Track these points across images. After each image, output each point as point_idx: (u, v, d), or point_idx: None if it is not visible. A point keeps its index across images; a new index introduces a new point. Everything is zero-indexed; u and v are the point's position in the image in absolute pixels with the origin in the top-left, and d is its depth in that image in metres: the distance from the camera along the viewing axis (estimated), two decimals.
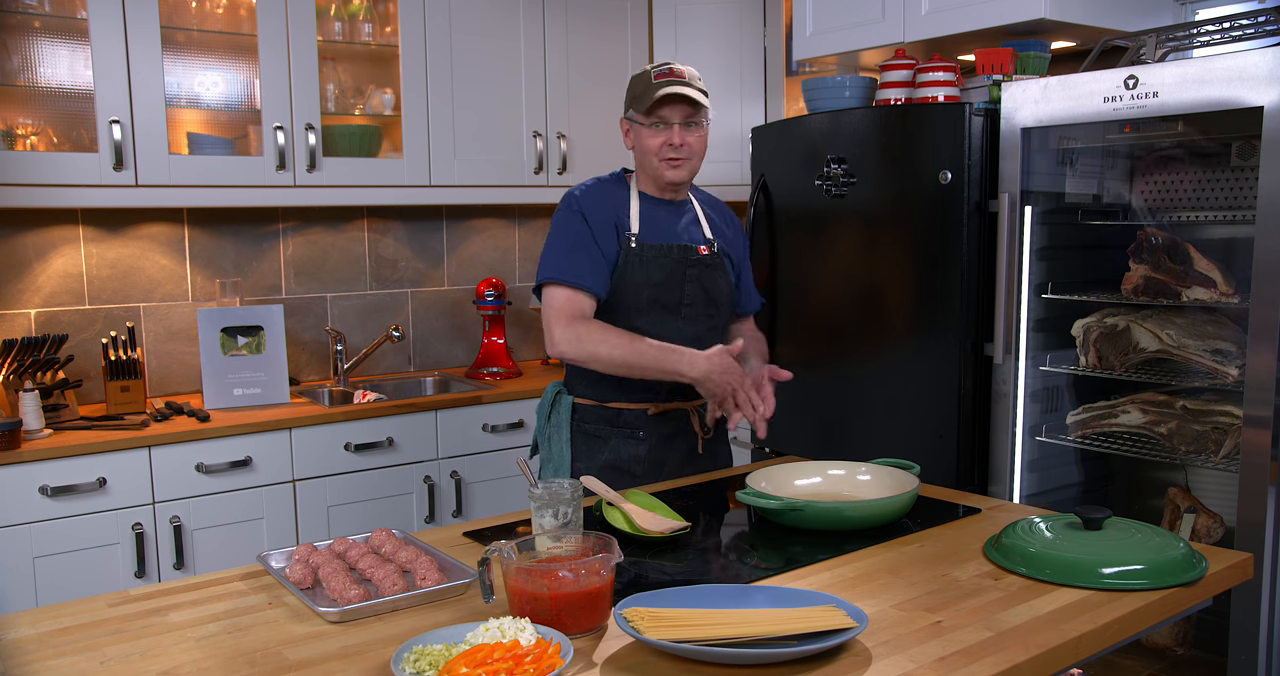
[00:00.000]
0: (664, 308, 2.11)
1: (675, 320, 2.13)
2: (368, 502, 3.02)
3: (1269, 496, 2.06)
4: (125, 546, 2.65)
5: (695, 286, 2.14)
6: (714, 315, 2.18)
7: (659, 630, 1.22)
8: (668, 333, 2.09)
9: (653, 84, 2.07)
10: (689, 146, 2.10)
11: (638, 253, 2.10)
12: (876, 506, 1.72)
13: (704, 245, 2.17)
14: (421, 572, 1.48)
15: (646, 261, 2.10)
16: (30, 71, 2.86)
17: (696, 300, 2.14)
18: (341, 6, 3.26)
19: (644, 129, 2.10)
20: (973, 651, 1.25)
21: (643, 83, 2.11)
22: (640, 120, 2.10)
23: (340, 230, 3.54)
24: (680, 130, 2.08)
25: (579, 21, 3.62)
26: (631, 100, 2.14)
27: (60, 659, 1.27)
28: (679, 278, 2.12)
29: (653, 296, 2.10)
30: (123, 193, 2.84)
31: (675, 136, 2.08)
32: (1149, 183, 2.68)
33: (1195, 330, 2.37)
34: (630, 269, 2.09)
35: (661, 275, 2.10)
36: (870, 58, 3.20)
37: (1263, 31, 2.35)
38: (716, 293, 2.17)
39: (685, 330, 2.12)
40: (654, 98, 2.04)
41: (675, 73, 2.08)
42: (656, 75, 2.08)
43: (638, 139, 2.13)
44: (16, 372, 2.71)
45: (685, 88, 2.06)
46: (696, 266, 2.14)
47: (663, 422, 2.17)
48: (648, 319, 2.10)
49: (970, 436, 2.60)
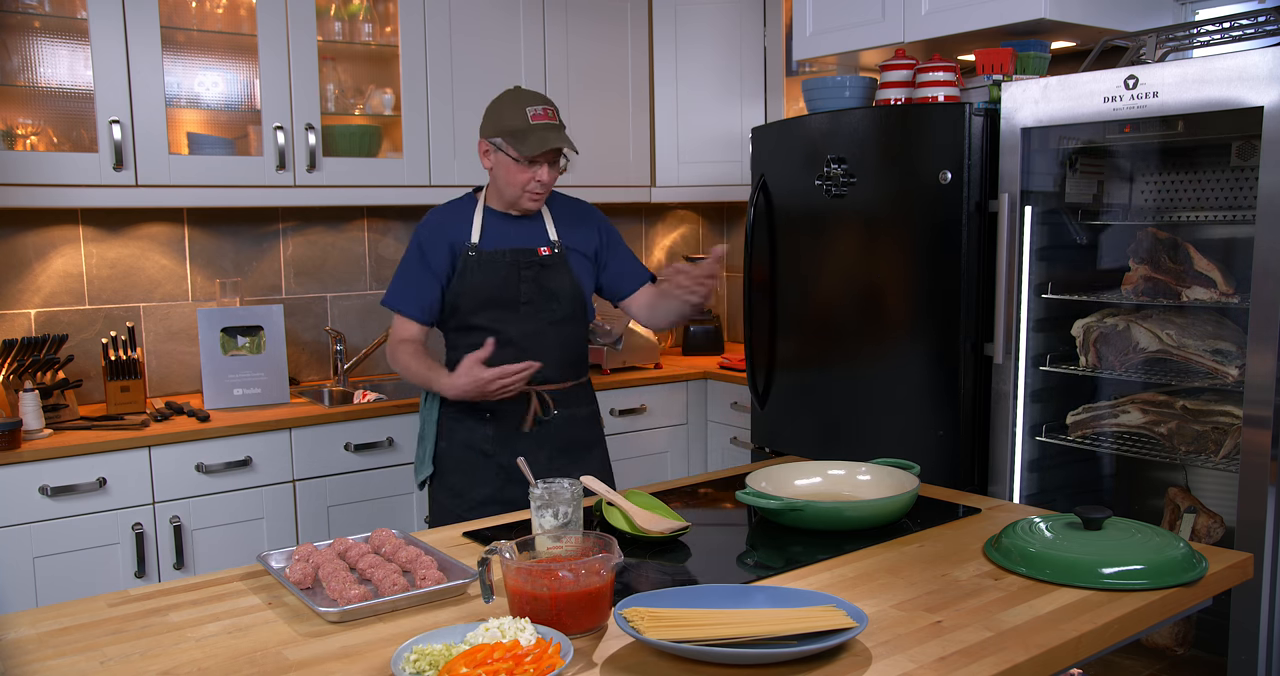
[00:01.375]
0: (501, 306, 2.34)
1: (514, 316, 2.35)
2: (368, 502, 3.02)
3: (1269, 496, 2.06)
4: (125, 546, 2.65)
5: (531, 285, 2.35)
6: (555, 309, 2.37)
7: (659, 630, 1.22)
8: (506, 328, 2.33)
9: (531, 127, 2.24)
10: (551, 181, 2.32)
11: (475, 259, 2.34)
12: (876, 506, 1.72)
13: (545, 247, 2.38)
14: (421, 572, 1.48)
15: (483, 265, 2.33)
16: (30, 71, 2.86)
17: (533, 297, 2.35)
18: (341, 6, 3.26)
19: (512, 163, 2.27)
20: (973, 651, 1.25)
21: (517, 117, 2.25)
22: (511, 154, 2.26)
23: (340, 230, 3.54)
24: (547, 169, 2.29)
25: (579, 22, 3.62)
26: (503, 131, 2.27)
27: (60, 659, 1.27)
28: (514, 278, 2.34)
29: (489, 296, 2.34)
30: (123, 193, 2.84)
31: (544, 174, 2.29)
32: (1149, 183, 2.68)
33: (1195, 330, 2.37)
34: (469, 274, 2.34)
35: (498, 277, 2.34)
36: (870, 58, 3.20)
37: (1263, 31, 2.35)
38: (556, 288, 2.37)
39: (524, 325, 2.35)
40: (535, 150, 2.22)
41: (550, 114, 2.27)
42: (534, 117, 2.25)
43: (502, 169, 2.30)
44: (16, 372, 2.71)
45: (562, 139, 2.24)
46: (533, 267, 2.35)
47: (510, 403, 2.34)
48: (486, 316, 2.34)
49: (970, 436, 2.60)
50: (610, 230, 2.53)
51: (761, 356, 3.15)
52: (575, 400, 2.45)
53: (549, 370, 2.34)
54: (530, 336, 2.35)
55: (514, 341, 2.33)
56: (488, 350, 2.18)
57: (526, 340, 2.35)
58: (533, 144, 2.23)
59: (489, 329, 2.32)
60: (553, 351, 2.37)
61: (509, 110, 2.28)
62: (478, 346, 2.22)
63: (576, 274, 2.41)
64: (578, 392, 2.46)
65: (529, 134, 2.24)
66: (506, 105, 2.29)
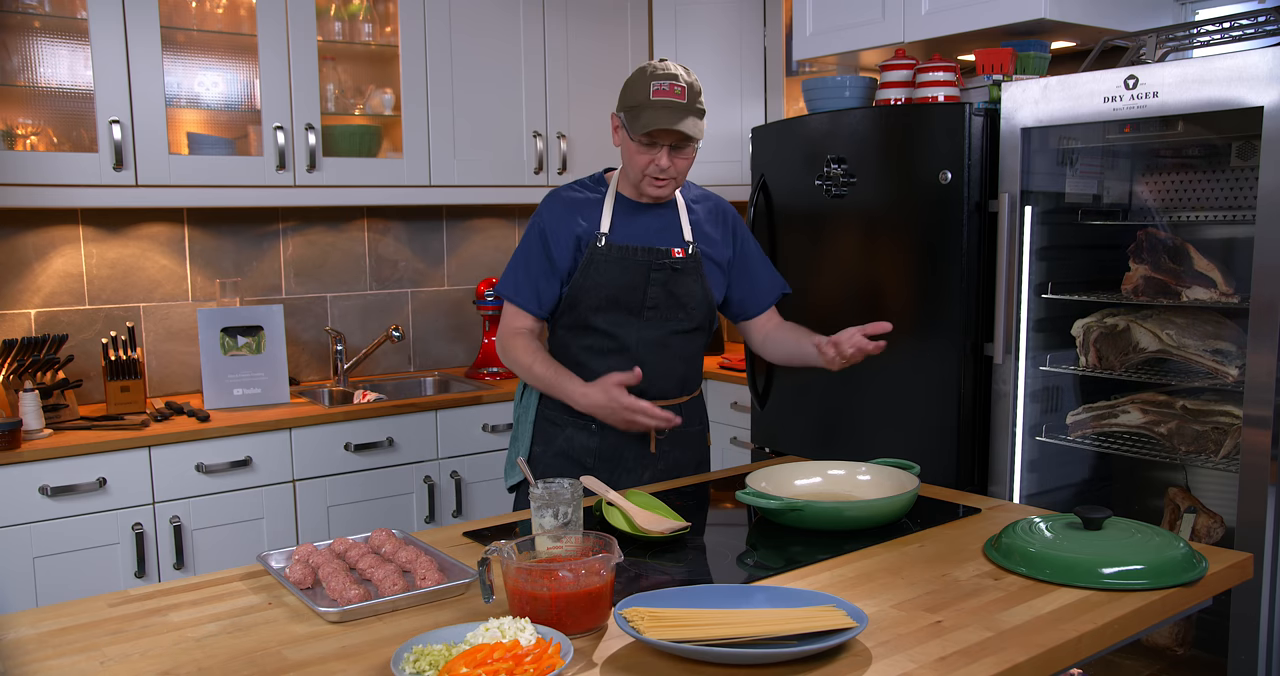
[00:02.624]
0: (624, 309, 2.12)
1: (636, 321, 2.13)
2: (368, 502, 3.02)
3: (1269, 496, 2.06)
4: (125, 546, 2.65)
5: (660, 290, 2.12)
6: (682, 319, 2.15)
7: (659, 630, 1.22)
8: (626, 333, 2.12)
9: (649, 103, 2.01)
10: (675, 168, 2.07)
11: (604, 253, 2.10)
12: (876, 506, 1.72)
13: (679, 248, 2.15)
14: (421, 572, 1.48)
15: (611, 262, 2.10)
16: (30, 71, 2.86)
17: (660, 303, 2.13)
18: (341, 6, 3.26)
19: (631, 143, 2.06)
20: (973, 651, 1.25)
21: (640, 91, 2.03)
22: (629, 131, 2.05)
23: (340, 230, 3.54)
24: (669, 153, 2.05)
25: (579, 21, 3.62)
26: (626, 105, 2.07)
27: (60, 659, 1.27)
28: (642, 280, 2.11)
29: (612, 297, 2.10)
30: (123, 193, 2.84)
31: (663, 159, 2.05)
32: (1149, 183, 2.68)
33: (1195, 330, 2.37)
34: (593, 269, 2.10)
35: (625, 277, 2.10)
36: (870, 58, 3.20)
37: (1263, 31, 2.35)
38: (686, 296, 2.14)
39: (646, 332, 2.13)
40: (644, 128, 2.00)
41: (676, 91, 2.01)
42: (655, 92, 2.01)
43: (625, 148, 2.09)
44: (16, 372, 2.71)
45: (681, 120, 2.00)
46: (664, 269, 2.12)
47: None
48: (605, 318, 2.12)
49: (970, 436, 2.60)
50: (746, 238, 2.29)
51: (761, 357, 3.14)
52: (688, 418, 2.21)
53: (667, 384, 2.16)
54: (650, 345, 2.14)
55: (630, 348, 2.13)
56: (635, 377, 1.98)
57: (645, 349, 2.13)
58: (645, 121, 2.00)
59: (607, 332, 2.12)
60: (673, 364, 2.17)
61: (637, 82, 2.05)
62: (592, 349, 2.12)
63: (710, 282, 2.19)
64: (691, 409, 2.24)
65: (643, 111, 2.01)
66: (637, 77, 2.06)
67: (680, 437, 2.21)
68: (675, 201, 2.20)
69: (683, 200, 2.21)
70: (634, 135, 2.03)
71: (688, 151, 2.07)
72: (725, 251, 2.23)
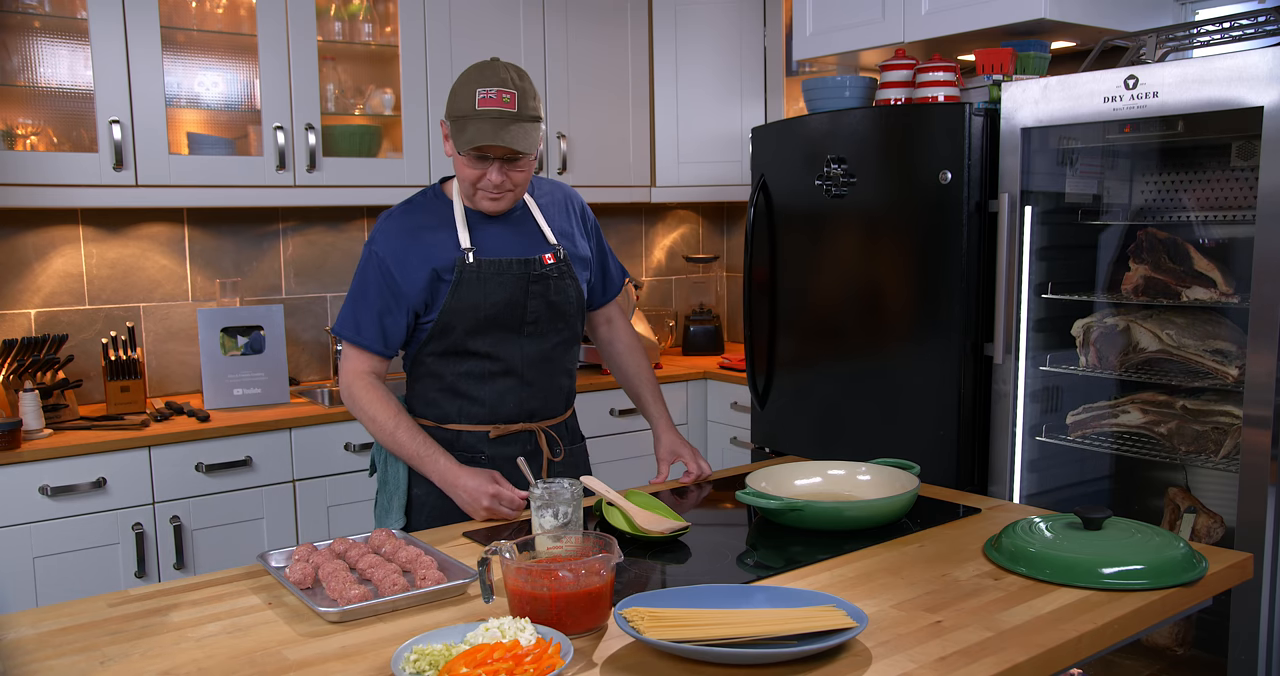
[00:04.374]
0: (504, 327, 1.96)
1: (518, 339, 1.98)
2: (368, 502, 3.01)
3: (1269, 496, 2.06)
4: (125, 546, 2.65)
5: (540, 301, 1.97)
6: (562, 329, 2.02)
7: (659, 630, 1.22)
8: (509, 353, 1.97)
9: (474, 113, 1.81)
10: (510, 181, 1.89)
11: (474, 270, 1.91)
12: (876, 506, 1.72)
13: (547, 253, 1.99)
14: (421, 572, 1.48)
15: (485, 279, 1.92)
16: (30, 71, 2.86)
17: (540, 316, 1.98)
18: (341, 6, 3.26)
19: (460, 155, 1.87)
20: (973, 651, 1.25)
21: (466, 99, 1.83)
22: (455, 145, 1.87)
23: (340, 230, 3.54)
24: (501, 166, 1.86)
25: (579, 22, 3.62)
26: (452, 115, 1.87)
27: (60, 659, 1.27)
28: (521, 294, 1.95)
29: (490, 316, 1.93)
30: (123, 193, 2.84)
31: (494, 174, 1.87)
32: (1149, 183, 2.68)
33: (1195, 330, 2.37)
34: (465, 289, 1.91)
35: (502, 293, 1.93)
36: (870, 58, 3.21)
37: (1263, 31, 2.35)
38: (564, 305, 2.00)
39: (529, 349, 1.99)
40: (469, 144, 1.81)
41: (504, 99, 1.81)
42: (481, 101, 1.81)
43: (455, 160, 1.90)
44: (16, 373, 2.71)
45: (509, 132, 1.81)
46: (541, 280, 1.96)
47: (507, 445, 2.00)
48: (485, 340, 1.95)
49: (970, 436, 2.60)
50: (595, 223, 2.16)
51: (761, 356, 3.15)
52: (573, 435, 2.14)
53: (556, 402, 2.06)
54: (535, 362, 2.00)
55: (516, 369, 1.98)
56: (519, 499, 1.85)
57: (531, 367, 1.99)
58: (469, 135, 1.81)
59: (488, 355, 1.96)
60: (559, 379, 2.06)
61: (462, 88, 1.84)
62: (472, 375, 1.96)
63: (581, 286, 2.05)
64: (573, 426, 2.15)
65: (468, 122, 1.82)
66: (463, 81, 1.85)
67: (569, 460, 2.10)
68: (525, 203, 2.04)
69: (533, 201, 2.04)
70: (460, 150, 1.85)
71: (523, 163, 1.88)
72: (585, 245, 2.10)
